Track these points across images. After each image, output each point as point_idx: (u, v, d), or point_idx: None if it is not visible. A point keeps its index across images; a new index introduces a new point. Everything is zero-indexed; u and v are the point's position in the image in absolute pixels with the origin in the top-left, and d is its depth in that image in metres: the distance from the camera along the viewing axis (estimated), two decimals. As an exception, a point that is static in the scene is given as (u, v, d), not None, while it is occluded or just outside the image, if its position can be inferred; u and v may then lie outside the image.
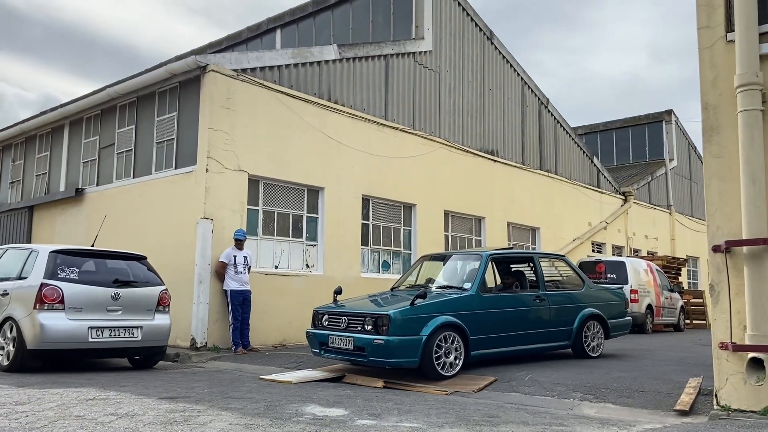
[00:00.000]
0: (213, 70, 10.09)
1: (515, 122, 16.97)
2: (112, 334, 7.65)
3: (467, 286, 7.71)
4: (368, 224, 12.64)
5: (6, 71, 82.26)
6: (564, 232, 18.22)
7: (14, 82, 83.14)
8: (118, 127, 12.14)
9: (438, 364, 6.90)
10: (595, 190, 20.00)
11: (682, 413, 5.27)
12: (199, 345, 9.57)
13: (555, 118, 18.53)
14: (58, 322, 7.26)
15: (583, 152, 19.80)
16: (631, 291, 14.87)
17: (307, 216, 11.52)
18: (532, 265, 8.70)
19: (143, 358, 8.37)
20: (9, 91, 79.26)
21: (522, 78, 17.36)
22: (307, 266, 11.44)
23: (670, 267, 19.31)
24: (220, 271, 9.69)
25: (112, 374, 7.39)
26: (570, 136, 19.17)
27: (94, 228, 12.27)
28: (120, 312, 7.74)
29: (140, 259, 8.46)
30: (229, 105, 10.24)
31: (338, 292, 8.07)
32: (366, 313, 7.07)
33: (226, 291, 9.68)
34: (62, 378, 6.87)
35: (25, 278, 7.57)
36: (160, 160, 11.10)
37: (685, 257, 22.59)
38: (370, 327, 6.88)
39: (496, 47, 16.52)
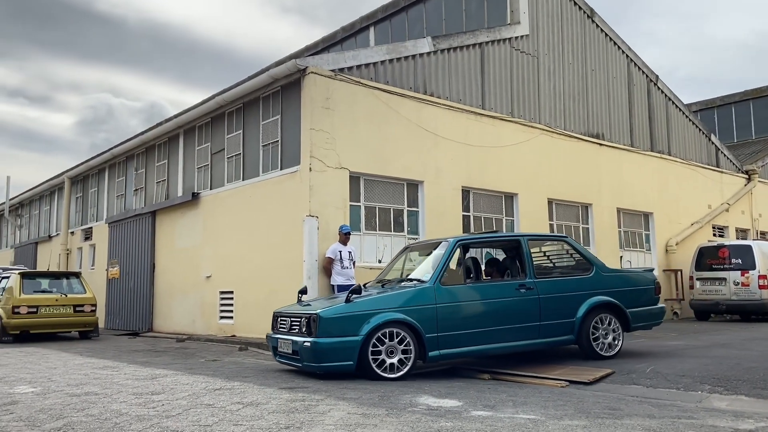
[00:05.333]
0: (312, 72, 10.37)
1: (621, 103, 16.13)
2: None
3: (426, 278, 6.92)
4: (469, 216, 12.51)
5: (113, 83, 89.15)
6: (681, 216, 17.11)
7: (120, 93, 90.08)
8: (227, 132, 12.80)
9: (377, 366, 6.21)
10: (714, 170, 18.60)
11: (832, 408, 4.79)
12: (310, 338, 9.88)
13: (665, 95, 17.42)
14: None
15: (699, 130, 18.47)
16: (760, 276, 13.80)
17: (407, 210, 11.58)
18: (520, 250, 7.55)
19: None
20: (115, 101, 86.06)
21: (627, 55, 16.46)
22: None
23: (805, 250, 17.60)
24: (328, 267, 9.97)
25: (234, 367, 7.81)
26: (683, 113, 17.94)
27: (210, 229, 13.03)
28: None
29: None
30: (328, 105, 10.49)
31: (303, 291, 7.54)
32: (300, 313, 6.63)
33: (333, 286, 9.95)
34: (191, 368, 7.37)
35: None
36: (267, 161, 11.59)
37: (821, 238, 20.49)
38: (304, 329, 6.42)
39: (597, 25, 15.78)
